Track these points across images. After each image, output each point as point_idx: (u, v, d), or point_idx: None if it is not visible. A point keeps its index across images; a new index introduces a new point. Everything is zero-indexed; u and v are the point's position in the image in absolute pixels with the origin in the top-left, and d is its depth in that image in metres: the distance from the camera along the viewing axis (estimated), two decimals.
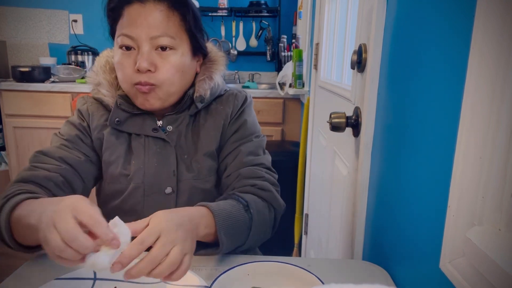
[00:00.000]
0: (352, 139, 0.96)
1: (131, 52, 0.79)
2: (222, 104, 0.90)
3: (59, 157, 0.81)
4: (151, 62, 0.78)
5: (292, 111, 2.62)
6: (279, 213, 0.85)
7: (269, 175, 0.86)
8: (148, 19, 0.77)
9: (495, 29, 0.41)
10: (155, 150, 0.85)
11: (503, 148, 0.42)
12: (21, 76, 2.66)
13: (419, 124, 0.60)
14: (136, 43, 0.78)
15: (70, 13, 3.17)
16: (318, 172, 1.64)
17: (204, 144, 0.87)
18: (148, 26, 0.77)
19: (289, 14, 3.12)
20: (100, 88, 0.87)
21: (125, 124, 0.86)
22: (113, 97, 0.87)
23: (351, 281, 0.42)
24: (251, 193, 0.80)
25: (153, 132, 0.85)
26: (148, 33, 0.77)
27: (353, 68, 0.94)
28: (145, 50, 0.78)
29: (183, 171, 0.86)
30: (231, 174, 0.86)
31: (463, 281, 0.44)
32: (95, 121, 0.87)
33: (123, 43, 0.79)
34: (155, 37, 0.78)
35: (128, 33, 0.78)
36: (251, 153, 0.87)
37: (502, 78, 0.41)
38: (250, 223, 0.75)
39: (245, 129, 0.89)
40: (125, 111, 0.85)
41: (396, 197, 0.70)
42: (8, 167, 2.76)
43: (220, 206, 0.72)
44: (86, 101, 0.90)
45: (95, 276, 0.66)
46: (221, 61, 0.91)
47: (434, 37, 0.56)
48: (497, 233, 0.44)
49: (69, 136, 0.85)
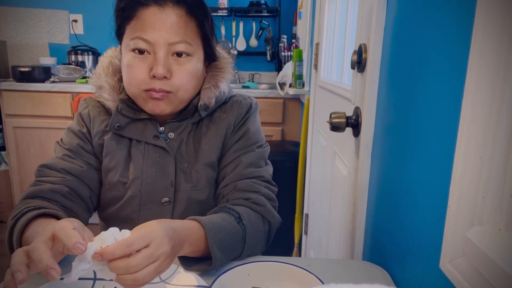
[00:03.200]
0: (352, 139, 0.96)
1: (145, 56, 0.76)
2: (225, 112, 0.88)
3: (62, 168, 0.80)
4: (168, 68, 0.76)
5: (292, 111, 2.62)
6: (273, 227, 0.82)
7: (267, 189, 0.83)
8: (167, 23, 0.74)
9: (495, 29, 0.40)
10: (154, 159, 0.84)
11: (503, 148, 0.42)
12: (21, 76, 2.66)
13: (419, 124, 0.60)
14: (152, 48, 0.76)
15: (70, 13, 3.17)
16: (318, 172, 1.64)
17: (205, 153, 0.85)
18: (167, 31, 0.74)
19: (289, 14, 3.12)
20: (102, 91, 0.85)
21: (126, 129, 0.84)
22: (114, 101, 0.84)
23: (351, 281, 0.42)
24: (244, 206, 0.78)
25: (154, 140, 0.84)
26: (167, 39, 0.75)
27: (353, 68, 0.94)
28: (161, 55, 0.75)
29: (181, 182, 0.84)
30: (228, 184, 0.83)
31: (463, 281, 0.44)
32: (96, 126, 0.85)
33: (137, 46, 0.76)
34: (173, 43, 0.75)
35: (144, 37, 0.75)
36: (251, 164, 0.84)
37: (502, 78, 0.41)
38: (244, 235, 0.72)
39: (248, 139, 0.87)
40: (126, 116, 0.83)
41: (396, 197, 0.70)
42: (8, 167, 2.75)
43: (211, 220, 0.69)
44: (88, 105, 0.88)
45: (95, 276, 0.66)
46: (229, 68, 0.88)
47: (434, 37, 0.56)
48: (497, 233, 0.44)
49: (71, 145, 0.84)
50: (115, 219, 0.87)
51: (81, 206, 0.81)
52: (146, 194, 0.84)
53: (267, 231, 0.81)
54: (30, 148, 2.71)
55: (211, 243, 0.66)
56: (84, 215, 0.82)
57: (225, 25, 3.19)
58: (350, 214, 0.96)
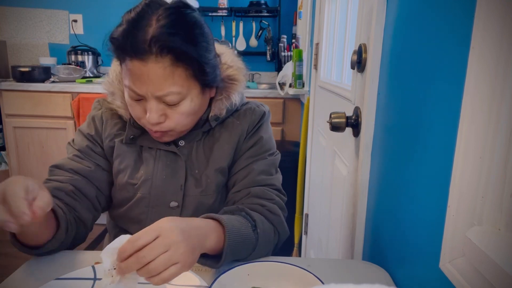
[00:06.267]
0: (352, 139, 0.96)
1: (140, 101, 0.77)
2: (239, 119, 0.88)
3: (70, 168, 0.83)
4: (160, 115, 0.76)
5: (292, 111, 2.62)
6: (281, 240, 0.83)
7: (279, 198, 0.84)
8: (151, 77, 0.72)
9: (495, 29, 0.41)
10: (165, 163, 0.86)
11: (503, 148, 0.42)
12: (21, 76, 2.66)
13: (419, 124, 0.60)
14: (143, 96, 0.76)
15: (70, 13, 3.17)
16: (318, 172, 1.64)
17: (217, 158, 0.86)
18: (152, 85, 0.73)
19: (289, 14, 3.12)
20: (115, 98, 0.86)
21: (138, 139, 0.86)
22: (126, 110, 0.85)
23: (351, 281, 0.42)
24: (260, 213, 0.78)
25: (165, 146, 0.85)
26: (153, 92, 0.73)
27: (353, 68, 0.94)
28: (152, 105, 0.75)
29: (191, 186, 0.85)
30: (240, 190, 0.84)
31: (463, 281, 0.44)
32: (108, 129, 0.88)
33: (131, 95, 0.76)
34: (160, 96, 0.74)
35: (134, 89, 0.75)
36: (263, 172, 0.85)
37: (502, 77, 0.41)
38: (255, 243, 0.73)
39: (260, 146, 0.87)
40: (138, 128, 0.85)
41: (396, 197, 0.70)
42: (8, 167, 2.75)
43: (231, 222, 0.69)
44: (101, 107, 0.90)
45: (95, 276, 0.66)
46: (243, 79, 0.87)
47: (434, 37, 0.56)
48: (497, 233, 0.44)
49: (81, 147, 0.87)
50: (124, 219, 0.89)
51: (86, 205, 0.83)
52: (155, 196, 0.85)
53: (275, 243, 0.81)
54: (30, 148, 2.70)
55: (227, 245, 0.66)
56: (87, 214, 0.83)
57: (225, 25, 3.19)
58: (350, 214, 0.96)
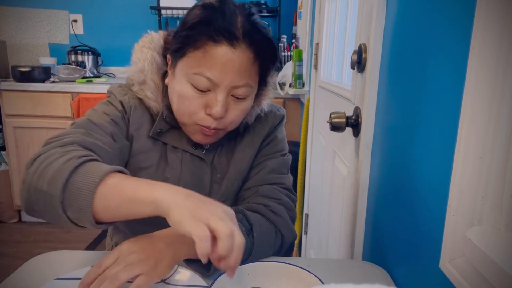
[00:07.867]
0: (352, 139, 0.96)
1: (204, 93, 0.72)
2: (261, 123, 0.86)
3: (111, 133, 0.74)
4: (225, 109, 0.73)
5: (292, 111, 2.61)
6: (286, 242, 0.79)
7: (287, 198, 0.82)
8: (236, 66, 0.69)
9: (495, 29, 0.41)
10: (192, 169, 0.82)
11: (503, 148, 0.42)
12: (21, 76, 2.66)
13: (419, 124, 0.60)
14: (213, 86, 0.71)
15: (70, 13, 3.16)
16: (318, 172, 1.64)
17: (238, 162, 0.84)
18: (234, 73, 0.69)
19: (289, 14, 3.12)
20: (145, 88, 0.79)
21: (165, 135, 0.81)
22: (156, 102, 0.79)
23: (351, 281, 0.42)
24: (262, 213, 0.76)
25: (192, 149, 0.82)
26: (232, 81, 0.70)
27: (353, 68, 0.94)
28: (222, 97, 0.71)
29: (213, 192, 0.83)
30: (249, 188, 0.83)
31: (463, 281, 0.44)
32: (135, 117, 0.79)
33: (199, 84, 0.71)
34: (237, 86, 0.71)
35: (209, 76, 0.69)
36: (274, 170, 0.84)
37: (502, 78, 0.41)
38: (251, 248, 0.69)
39: (274, 145, 0.87)
40: (167, 123, 0.80)
41: (396, 197, 0.70)
42: (8, 167, 2.75)
43: None
44: (126, 92, 0.81)
45: None
46: (271, 86, 0.86)
47: (434, 37, 0.56)
48: (497, 233, 0.44)
49: (115, 117, 0.76)
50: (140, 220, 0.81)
51: None
52: None
53: (279, 244, 0.78)
54: (30, 148, 2.70)
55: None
56: None
57: None
58: (350, 214, 0.96)
